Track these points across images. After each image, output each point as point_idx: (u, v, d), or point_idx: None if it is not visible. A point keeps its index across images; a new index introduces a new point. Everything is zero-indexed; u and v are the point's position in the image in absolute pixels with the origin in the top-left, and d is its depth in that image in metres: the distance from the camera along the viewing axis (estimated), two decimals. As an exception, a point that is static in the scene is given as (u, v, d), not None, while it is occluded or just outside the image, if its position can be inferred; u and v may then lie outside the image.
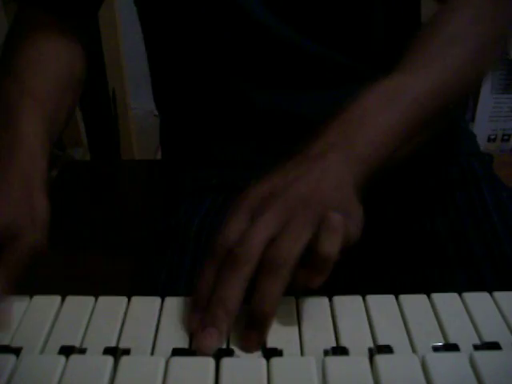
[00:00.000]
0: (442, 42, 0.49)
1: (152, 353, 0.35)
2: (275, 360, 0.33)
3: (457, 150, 0.65)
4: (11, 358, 0.33)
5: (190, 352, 0.35)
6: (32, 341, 0.36)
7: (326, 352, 0.35)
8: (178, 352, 0.35)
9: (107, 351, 0.35)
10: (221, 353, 0.34)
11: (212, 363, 0.33)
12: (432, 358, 0.33)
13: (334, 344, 0.36)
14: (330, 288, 0.39)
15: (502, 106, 1.70)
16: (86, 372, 0.32)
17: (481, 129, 1.73)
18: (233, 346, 0.36)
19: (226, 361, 0.33)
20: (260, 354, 0.35)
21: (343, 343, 0.36)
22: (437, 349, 0.35)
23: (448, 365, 0.33)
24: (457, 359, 0.33)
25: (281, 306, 0.38)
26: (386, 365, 0.33)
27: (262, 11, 0.54)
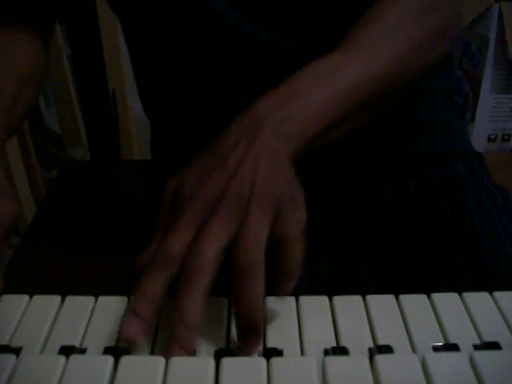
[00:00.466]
0: (384, 28, 0.47)
1: (152, 352, 0.35)
2: (275, 360, 0.33)
3: (443, 150, 0.63)
4: (11, 358, 0.33)
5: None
6: (32, 341, 0.36)
7: (326, 352, 0.35)
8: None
9: (107, 351, 0.35)
10: (221, 353, 0.35)
11: (212, 363, 0.33)
12: (432, 358, 0.33)
13: (334, 344, 0.36)
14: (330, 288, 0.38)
15: (502, 106, 1.70)
16: (86, 372, 0.32)
17: (481, 129, 1.73)
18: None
19: (226, 361, 0.33)
20: (260, 354, 0.35)
21: (343, 343, 0.36)
22: (437, 349, 0.35)
23: (448, 365, 0.33)
24: (457, 359, 0.33)
25: (281, 306, 0.38)
26: (386, 365, 0.33)
27: (231, 12, 0.53)
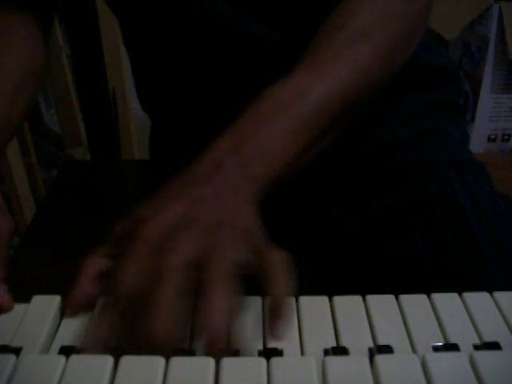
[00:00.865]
0: (349, 37, 0.45)
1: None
2: (275, 360, 0.33)
3: (434, 161, 0.60)
4: (11, 358, 0.33)
5: (190, 352, 0.35)
6: (32, 341, 0.36)
7: (326, 352, 0.35)
8: (178, 351, 0.34)
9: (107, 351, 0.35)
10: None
11: (212, 363, 0.33)
12: (432, 358, 0.33)
13: (334, 344, 0.36)
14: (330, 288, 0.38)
15: (502, 106, 1.70)
16: (86, 372, 0.32)
17: (481, 129, 1.73)
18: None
19: (226, 361, 0.33)
20: (260, 354, 0.35)
21: (343, 343, 0.36)
22: (437, 349, 0.35)
23: (448, 365, 0.33)
24: (457, 359, 0.33)
25: (281, 306, 0.38)
26: (386, 365, 0.32)
27: (224, 5, 0.51)
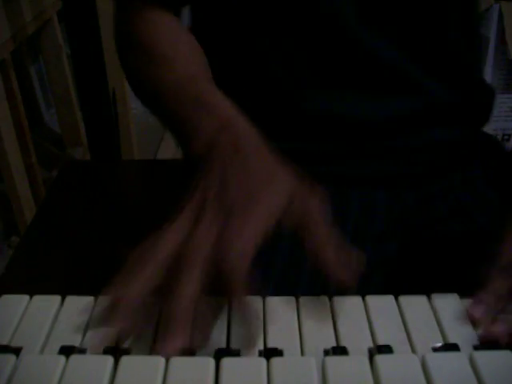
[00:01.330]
0: None
1: (151, 352, 0.35)
2: (275, 360, 0.33)
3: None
4: (11, 358, 0.33)
5: (190, 352, 0.35)
6: (32, 341, 0.36)
7: (326, 352, 0.35)
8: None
9: (107, 351, 0.35)
10: (221, 353, 0.35)
11: (212, 363, 0.33)
12: (432, 358, 0.33)
13: (334, 344, 0.36)
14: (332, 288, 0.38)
15: (502, 106, 1.70)
16: (86, 372, 0.32)
17: (481, 129, 1.73)
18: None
19: (226, 361, 0.33)
20: (260, 354, 0.35)
21: (343, 343, 0.36)
22: (437, 349, 0.35)
23: (448, 365, 0.33)
24: (457, 359, 0.33)
25: (281, 306, 0.38)
26: (386, 365, 0.33)
27: (352, 19, 0.52)
